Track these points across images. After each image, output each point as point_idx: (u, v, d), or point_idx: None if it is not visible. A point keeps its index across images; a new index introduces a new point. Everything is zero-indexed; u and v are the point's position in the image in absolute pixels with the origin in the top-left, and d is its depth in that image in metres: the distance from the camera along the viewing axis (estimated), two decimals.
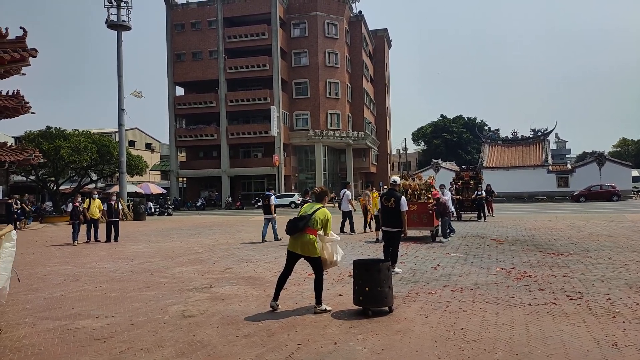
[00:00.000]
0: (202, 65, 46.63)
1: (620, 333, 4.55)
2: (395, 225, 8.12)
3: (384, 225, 8.36)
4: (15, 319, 5.75)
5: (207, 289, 7.26)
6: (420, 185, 13.34)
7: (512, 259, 9.24)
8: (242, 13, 45.87)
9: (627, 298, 5.87)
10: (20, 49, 15.64)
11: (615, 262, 8.44)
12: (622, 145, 75.61)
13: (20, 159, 22.21)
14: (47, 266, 10.11)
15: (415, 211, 12.51)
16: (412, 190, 13.13)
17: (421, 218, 12.70)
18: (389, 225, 8.20)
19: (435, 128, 73.63)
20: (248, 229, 18.43)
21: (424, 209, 12.66)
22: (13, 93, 20.45)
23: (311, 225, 5.75)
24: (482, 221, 18.97)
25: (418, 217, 12.62)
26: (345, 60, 49.20)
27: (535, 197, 39.80)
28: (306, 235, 5.73)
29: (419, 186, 13.29)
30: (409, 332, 4.80)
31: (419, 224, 12.78)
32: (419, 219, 12.69)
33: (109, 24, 30.24)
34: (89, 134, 35.56)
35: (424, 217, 12.68)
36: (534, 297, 6.04)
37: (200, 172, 47.06)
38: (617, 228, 14.43)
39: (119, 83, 30.17)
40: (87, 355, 4.39)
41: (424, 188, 13.17)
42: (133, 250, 12.80)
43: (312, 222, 5.75)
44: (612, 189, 35.72)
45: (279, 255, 10.70)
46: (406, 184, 13.35)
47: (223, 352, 4.38)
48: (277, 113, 41.94)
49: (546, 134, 46.12)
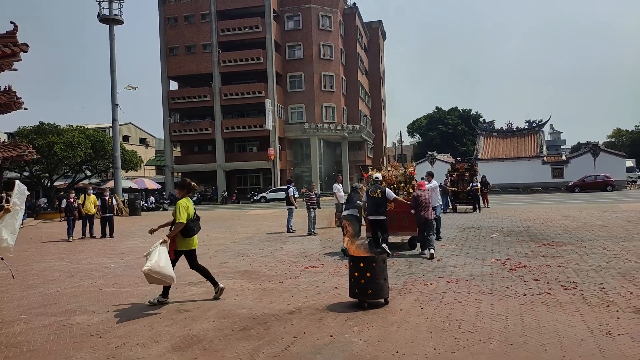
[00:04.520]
0: (195, 59, 46.35)
1: (614, 322, 4.58)
2: (382, 213, 8.88)
3: (371, 215, 8.97)
4: (10, 316, 5.73)
5: (203, 283, 7.23)
6: (398, 176, 10.35)
7: (507, 249, 9.28)
8: (236, 6, 45.55)
9: (621, 287, 5.91)
10: (11, 43, 15.50)
11: (609, 252, 8.49)
12: (617, 135, 75.81)
13: (13, 155, 22.05)
14: (43, 262, 10.07)
15: (393, 211, 9.42)
16: (387, 183, 10.04)
17: (400, 220, 9.62)
18: (377, 214, 8.87)
19: (430, 120, 73.55)
20: (244, 223, 18.42)
21: (403, 208, 9.42)
22: (5, 89, 20.26)
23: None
24: (477, 212, 19.03)
25: (397, 218, 9.56)
26: (339, 52, 49.02)
27: (530, 188, 39.92)
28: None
29: (396, 178, 10.33)
30: (405, 323, 4.82)
31: (398, 227, 9.68)
32: (398, 222, 9.60)
33: (101, 18, 29.93)
34: (82, 130, 35.34)
35: (404, 219, 9.59)
36: (529, 288, 6.08)
37: (195, 166, 46.93)
38: (612, 218, 14.51)
39: (112, 78, 29.92)
40: (83, 351, 4.38)
41: (402, 180, 10.27)
42: (128, 245, 12.76)
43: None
44: (607, 179, 35.88)
45: (275, 249, 10.71)
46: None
47: (219, 346, 4.38)
48: (271, 106, 41.82)
49: (541, 125, 46.20)
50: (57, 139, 31.61)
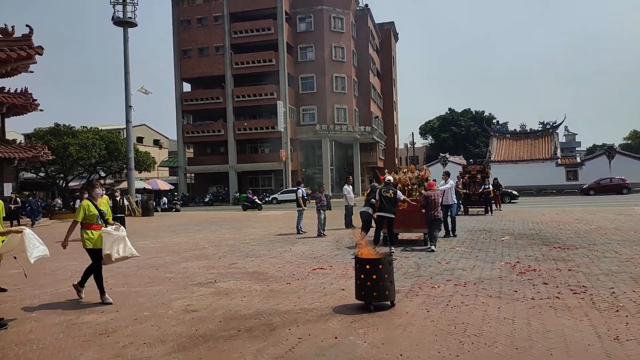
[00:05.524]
0: (208, 61, 46.73)
1: (622, 327, 4.52)
2: (392, 212, 9.80)
3: (383, 212, 9.80)
4: (22, 314, 5.84)
5: (211, 283, 7.31)
6: (412, 179, 11.45)
7: (517, 253, 9.19)
8: (248, 8, 45.82)
9: (632, 292, 5.82)
10: (27, 46, 15.80)
11: (621, 256, 8.36)
12: (633, 137, 74.55)
13: (29, 156, 22.46)
14: (55, 262, 10.21)
15: (406, 210, 10.56)
16: (402, 185, 11.25)
17: (412, 218, 10.68)
18: (388, 211, 9.76)
19: (443, 122, 73.22)
20: (255, 225, 18.49)
21: (415, 207, 10.56)
22: (21, 91, 20.66)
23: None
24: (489, 215, 18.88)
25: (408, 216, 10.67)
26: (351, 54, 49.02)
27: (544, 190, 39.48)
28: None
29: (410, 180, 11.42)
30: (410, 326, 4.80)
31: (410, 225, 10.83)
32: (410, 219, 10.72)
33: (115, 21, 30.32)
34: (97, 131, 35.83)
35: (415, 217, 10.62)
36: (538, 292, 6.02)
37: (207, 167, 47.27)
38: (626, 221, 14.28)
39: (126, 80, 30.28)
40: (91, 350, 4.45)
41: (415, 182, 11.33)
42: (140, 245, 12.87)
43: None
44: (622, 181, 35.31)
45: (284, 250, 10.74)
46: (395, 178, 11.57)
47: (224, 346, 4.41)
48: (283, 108, 41.94)
49: (555, 127, 45.68)
50: (72, 140, 32.08)
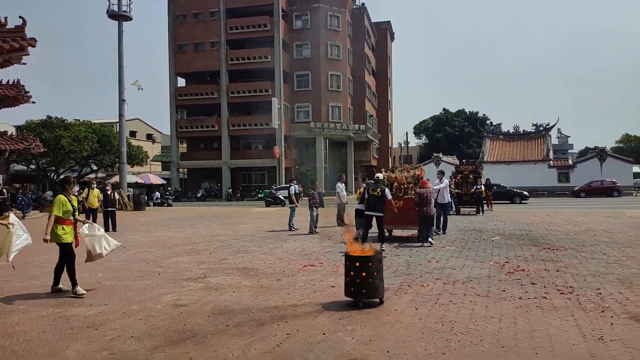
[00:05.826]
0: (203, 56, 46.47)
1: (607, 327, 4.57)
2: (380, 210, 9.69)
3: (370, 211, 9.73)
4: (9, 306, 5.80)
5: (201, 279, 7.30)
6: (408, 177, 11.85)
7: (507, 253, 9.26)
8: (245, 4, 45.60)
9: (618, 293, 5.89)
10: (20, 38, 15.64)
11: (609, 257, 8.45)
12: (625, 141, 75.15)
13: (20, 148, 22.25)
14: (45, 254, 10.12)
15: (402, 207, 10.86)
16: (397, 184, 11.70)
17: (407, 215, 11.02)
18: (376, 210, 9.65)
19: (437, 122, 73.38)
20: (247, 221, 18.48)
21: (410, 205, 10.99)
22: (13, 82, 20.45)
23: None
24: (480, 215, 18.98)
25: (404, 214, 10.94)
26: (347, 52, 48.96)
27: (535, 191, 39.68)
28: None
29: (406, 179, 11.81)
30: (398, 323, 4.83)
31: (405, 222, 11.22)
32: (405, 217, 11.03)
33: (110, 14, 30.10)
34: (89, 124, 35.64)
35: (410, 215, 10.97)
36: (525, 291, 6.07)
37: (200, 163, 47.06)
38: (615, 224, 14.42)
39: (120, 74, 30.08)
40: (78, 342, 4.43)
41: (411, 181, 11.69)
42: (130, 240, 12.85)
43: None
44: (613, 184, 35.61)
45: (276, 247, 10.75)
46: (392, 176, 12.02)
47: (212, 341, 4.42)
48: (278, 105, 41.84)
49: (548, 129, 45.96)
50: (64, 132, 31.88)
